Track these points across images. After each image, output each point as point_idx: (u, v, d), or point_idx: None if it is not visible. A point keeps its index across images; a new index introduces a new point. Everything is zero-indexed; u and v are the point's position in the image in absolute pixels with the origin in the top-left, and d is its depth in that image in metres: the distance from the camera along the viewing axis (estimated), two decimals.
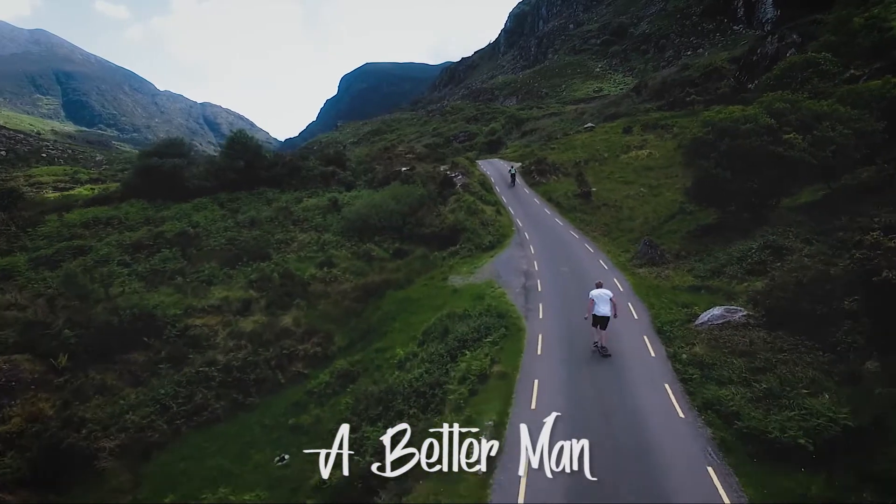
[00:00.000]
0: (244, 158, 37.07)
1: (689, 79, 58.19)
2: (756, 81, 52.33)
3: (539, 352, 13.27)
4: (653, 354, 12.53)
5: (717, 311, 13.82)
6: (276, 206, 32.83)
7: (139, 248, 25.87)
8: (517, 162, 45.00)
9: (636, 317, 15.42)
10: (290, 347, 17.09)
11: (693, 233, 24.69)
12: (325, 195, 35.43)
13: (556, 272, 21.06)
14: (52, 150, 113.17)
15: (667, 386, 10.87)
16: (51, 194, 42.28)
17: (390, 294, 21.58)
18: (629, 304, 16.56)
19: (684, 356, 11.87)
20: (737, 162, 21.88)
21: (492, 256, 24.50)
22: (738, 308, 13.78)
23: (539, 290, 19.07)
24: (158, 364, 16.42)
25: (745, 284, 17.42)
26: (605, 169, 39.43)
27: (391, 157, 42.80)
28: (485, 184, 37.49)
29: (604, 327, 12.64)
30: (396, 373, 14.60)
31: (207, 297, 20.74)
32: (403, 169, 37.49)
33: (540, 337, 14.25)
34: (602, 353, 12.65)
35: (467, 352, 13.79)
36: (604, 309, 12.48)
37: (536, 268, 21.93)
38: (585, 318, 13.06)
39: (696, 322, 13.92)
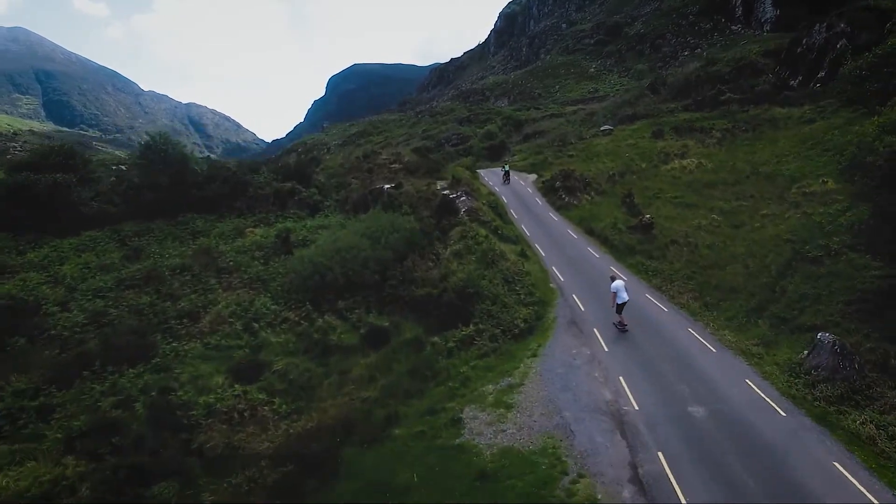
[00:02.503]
0: (168, 172, 25.19)
1: (718, 74, 47.44)
2: (800, 77, 42.17)
3: None
4: None
5: None
6: (199, 244, 21.12)
7: None
8: (531, 174, 33.86)
9: None
10: None
11: (858, 303, 13.77)
12: (277, 223, 23.89)
13: (679, 414, 9.95)
14: (20, 150, 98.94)
15: None
16: None
17: (350, 458, 10.26)
18: None
19: None
20: None
21: (534, 355, 13.28)
22: None
23: (673, 482, 7.96)
24: None
25: None
26: (648, 185, 28.41)
27: (371, 169, 31.03)
28: (496, 206, 26.21)
29: (621, 310, 14.18)
30: None
31: None
32: (387, 186, 26.00)
33: None
34: (621, 328, 14.21)
35: None
36: (625, 296, 14.03)
37: (631, 397, 10.78)
38: (612, 307, 14.23)
39: None
